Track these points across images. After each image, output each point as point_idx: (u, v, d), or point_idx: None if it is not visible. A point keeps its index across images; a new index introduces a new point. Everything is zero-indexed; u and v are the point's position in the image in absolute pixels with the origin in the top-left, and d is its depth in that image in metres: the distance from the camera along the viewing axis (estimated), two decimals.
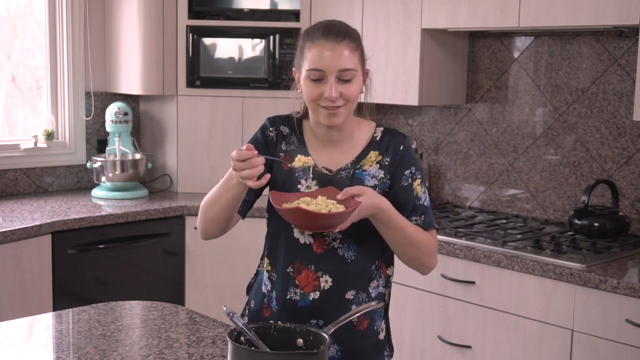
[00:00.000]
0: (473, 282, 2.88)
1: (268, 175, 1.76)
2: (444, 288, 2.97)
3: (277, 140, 1.94)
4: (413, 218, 1.87)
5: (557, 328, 2.66)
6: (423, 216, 1.88)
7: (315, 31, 1.83)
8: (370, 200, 1.76)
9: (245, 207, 1.96)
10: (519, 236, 2.99)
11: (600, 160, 3.18)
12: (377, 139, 1.92)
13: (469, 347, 2.91)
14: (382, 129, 1.94)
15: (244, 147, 1.74)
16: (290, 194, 1.83)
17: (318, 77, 1.81)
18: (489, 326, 2.85)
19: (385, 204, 1.80)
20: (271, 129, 1.95)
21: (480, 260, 2.84)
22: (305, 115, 1.96)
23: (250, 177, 1.72)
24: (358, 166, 1.89)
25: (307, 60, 1.82)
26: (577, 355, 2.61)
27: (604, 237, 2.91)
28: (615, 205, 3.01)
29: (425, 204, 1.90)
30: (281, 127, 1.94)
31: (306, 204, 1.75)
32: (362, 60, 1.86)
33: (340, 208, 1.75)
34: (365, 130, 1.94)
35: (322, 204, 1.76)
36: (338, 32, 1.81)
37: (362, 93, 1.90)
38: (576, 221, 2.98)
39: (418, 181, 1.90)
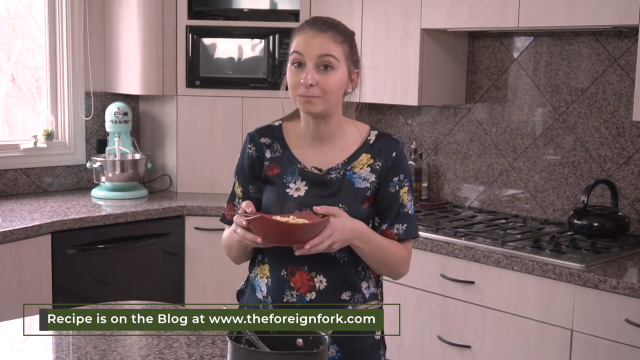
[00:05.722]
0: (473, 282, 2.88)
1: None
2: (443, 288, 2.98)
3: (259, 153, 1.93)
4: (395, 226, 1.88)
5: (556, 328, 2.66)
6: (405, 225, 1.89)
7: (304, 23, 1.89)
8: (344, 223, 1.76)
9: (256, 204, 1.92)
10: (519, 236, 2.99)
11: (599, 160, 3.18)
12: (371, 142, 1.92)
13: (469, 347, 2.91)
14: (376, 132, 1.93)
15: (248, 209, 1.72)
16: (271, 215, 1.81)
17: (298, 60, 1.82)
18: (488, 326, 2.85)
19: (361, 226, 1.81)
20: (249, 145, 1.94)
21: (479, 260, 2.84)
22: (293, 115, 1.97)
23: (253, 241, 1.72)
24: (349, 167, 1.88)
25: (292, 46, 1.85)
26: (576, 355, 2.61)
27: (604, 237, 2.91)
28: (615, 205, 3.01)
29: (409, 212, 1.90)
30: (261, 140, 1.93)
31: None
32: (350, 57, 1.87)
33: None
34: (359, 132, 1.93)
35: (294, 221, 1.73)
36: (324, 23, 1.85)
37: (349, 93, 1.90)
38: (576, 221, 2.98)
39: (405, 189, 1.90)
